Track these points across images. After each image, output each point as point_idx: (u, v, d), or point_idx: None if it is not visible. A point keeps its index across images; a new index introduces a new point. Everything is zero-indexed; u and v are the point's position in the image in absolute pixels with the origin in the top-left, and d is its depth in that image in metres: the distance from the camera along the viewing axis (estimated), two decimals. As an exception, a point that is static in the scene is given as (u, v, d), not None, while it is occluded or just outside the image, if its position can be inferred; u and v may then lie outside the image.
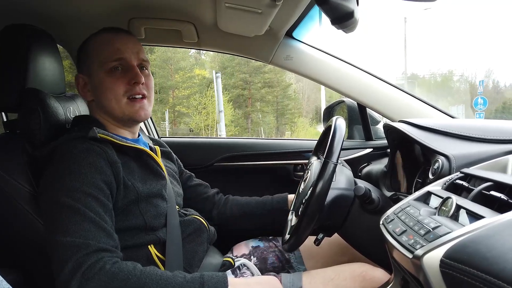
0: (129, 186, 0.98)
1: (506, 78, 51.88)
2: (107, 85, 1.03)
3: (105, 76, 1.03)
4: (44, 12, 1.40)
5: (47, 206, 0.92)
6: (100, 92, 1.05)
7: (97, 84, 1.05)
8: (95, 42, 1.08)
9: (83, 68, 1.10)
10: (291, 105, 28.86)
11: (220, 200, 1.36)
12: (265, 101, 27.63)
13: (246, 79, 26.99)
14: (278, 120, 28.35)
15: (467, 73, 37.79)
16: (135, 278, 0.82)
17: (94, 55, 1.06)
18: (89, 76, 1.07)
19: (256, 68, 26.96)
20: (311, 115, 34.18)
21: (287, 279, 1.02)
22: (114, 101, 1.04)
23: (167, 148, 1.32)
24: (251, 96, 27.32)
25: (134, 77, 1.03)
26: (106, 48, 1.04)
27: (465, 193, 0.77)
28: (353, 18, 0.96)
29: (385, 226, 0.82)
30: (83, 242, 0.83)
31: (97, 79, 1.05)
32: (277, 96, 27.82)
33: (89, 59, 1.07)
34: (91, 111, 1.14)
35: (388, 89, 1.56)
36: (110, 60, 1.03)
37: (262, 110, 27.64)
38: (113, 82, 1.03)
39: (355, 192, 1.06)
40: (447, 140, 1.02)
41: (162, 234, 1.03)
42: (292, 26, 1.47)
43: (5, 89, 1.08)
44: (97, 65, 1.04)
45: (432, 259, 0.59)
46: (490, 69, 37.58)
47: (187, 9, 1.43)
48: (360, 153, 1.73)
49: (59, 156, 0.95)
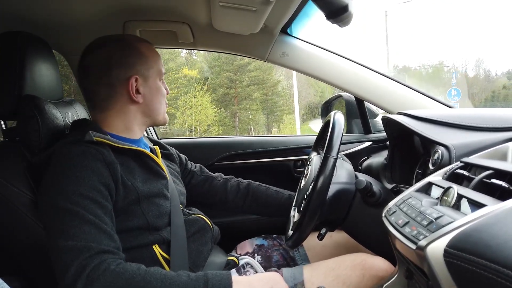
0: (129, 186, 0.98)
1: (497, 66, 51.76)
2: (162, 91, 1.14)
3: (160, 84, 1.13)
4: (39, 19, 1.40)
5: (46, 211, 0.92)
6: (157, 96, 1.12)
7: (155, 88, 1.11)
8: (148, 49, 1.11)
9: (131, 70, 1.07)
10: (280, 102, 28.84)
11: (232, 189, 1.38)
12: (252, 99, 27.56)
13: (231, 78, 26.95)
14: (269, 117, 28.33)
15: (457, 64, 37.79)
16: (140, 277, 0.82)
17: (152, 61, 1.10)
18: (146, 79, 1.09)
19: (241, 66, 26.91)
20: (303, 111, 34.13)
21: (289, 273, 1.02)
22: (163, 106, 1.15)
23: (168, 150, 1.32)
24: (237, 95, 27.27)
25: (167, 89, 1.17)
26: (159, 59, 1.14)
27: (466, 182, 0.77)
28: (348, 12, 0.96)
29: (387, 218, 0.82)
30: (85, 245, 0.83)
31: (155, 84, 1.11)
32: (266, 93, 27.77)
33: (146, 63, 1.09)
34: (127, 112, 1.09)
35: (385, 82, 1.56)
36: (162, 71, 1.14)
37: (249, 108, 27.58)
38: (163, 89, 1.15)
39: (356, 185, 1.07)
40: (446, 130, 1.03)
41: (166, 233, 1.04)
42: (287, 22, 1.47)
43: (2, 96, 1.08)
44: (155, 71, 1.11)
45: (435, 249, 0.60)
46: (480, 58, 37.57)
47: (182, 10, 1.43)
48: (359, 147, 1.73)
49: (55, 160, 0.95)
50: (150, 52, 1.12)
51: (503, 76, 33.68)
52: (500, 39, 43.33)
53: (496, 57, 40.74)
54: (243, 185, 1.38)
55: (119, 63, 1.05)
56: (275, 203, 1.34)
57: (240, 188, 1.37)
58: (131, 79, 1.06)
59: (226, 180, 1.39)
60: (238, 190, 1.37)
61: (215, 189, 1.36)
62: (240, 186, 1.38)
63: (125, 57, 1.06)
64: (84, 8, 1.39)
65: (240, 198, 1.36)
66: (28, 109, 1.05)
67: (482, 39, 43.45)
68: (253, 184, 1.39)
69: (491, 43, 42.09)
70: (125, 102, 1.08)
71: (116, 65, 1.05)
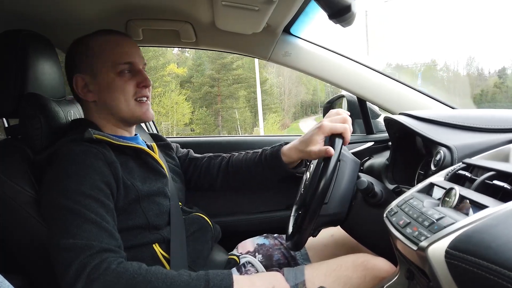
0: (129, 186, 0.98)
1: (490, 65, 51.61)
2: (118, 87, 1.05)
3: (115, 77, 1.05)
4: (41, 17, 1.40)
5: (47, 210, 0.92)
6: (109, 92, 1.06)
7: (105, 84, 1.06)
8: (100, 42, 1.07)
9: (81, 68, 1.07)
10: (267, 100, 28.75)
11: (214, 168, 1.30)
12: (236, 98, 27.44)
13: (213, 76, 26.87)
14: (256, 116, 28.24)
15: (449, 62, 37.68)
16: (141, 277, 0.82)
17: (102, 55, 1.06)
18: (93, 76, 1.06)
19: (224, 65, 26.84)
20: (293, 109, 33.96)
21: (290, 273, 1.02)
22: (124, 102, 1.07)
23: (164, 140, 1.32)
24: (220, 93, 27.19)
25: (143, 81, 1.07)
26: (115, 50, 1.06)
27: (468, 183, 0.77)
28: (351, 12, 0.96)
29: (389, 218, 0.82)
30: (86, 243, 0.83)
31: (105, 80, 1.05)
32: (254, 91, 27.67)
33: (93, 58, 1.06)
34: (90, 112, 1.11)
35: (387, 82, 1.55)
36: (120, 63, 1.05)
37: (232, 107, 27.48)
38: (123, 83, 1.05)
39: (358, 186, 1.07)
40: (448, 131, 1.02)
41: (166, 232, 1.04)
42: (290, 22, 1.47)
43: (5, 95, 1.08)
44: (106, 66, 1.05)
45: (437, 250, 0.60)
46: (471, 56, 37.45)
47: (184, 9, 1.43)
48: (361, 147, 1.73)
49: (56, 159, 0.96)
50: (98, 45, 1.07)
51: (495, 74, 33.54)
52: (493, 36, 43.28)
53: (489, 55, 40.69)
54: (224, 161, 1.29)
55: (68, 63, 1.10)
56: (252, 166, 1.22)
57: (221, 165, 1.29)
58: (74, 78, 1.07)
59: (210, 159, 1.32)
60: (219, 167, 1.29)
61: (200, 170, 1.31)
62: (222, 163, 1.29)
63: (73, 55, 1.09)
64: (87, 7, 1.40)
65: (224, 176, 1.28)
66: (31, 107, 1.05)
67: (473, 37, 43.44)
68: (234, 156, 1.29)
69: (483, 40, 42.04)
70: (85, 102, 1.11)
71: (68, 65, 1.10)
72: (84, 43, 1.09)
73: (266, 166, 1.17)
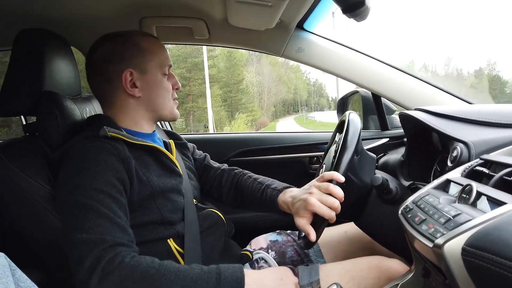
0: (144, 181, 0.99)
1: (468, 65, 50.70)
2: (165, 85, 1.12)
3: (162, 77, 1.12)
4: (57, 16, 1.42)
5: (62, 205, 0.94)
6: (157, 90, 1.11)
7: (154, 82, 1.10)
8: (151, 43, 1.11)
9: (129, 63, 1.08)
10: (244, 99, 28.55)
11: (226, 183, 1.30)
12: (212, 97, 27.26)
13: (184, 75, 26.71)
14: (233, 115, 28.05)
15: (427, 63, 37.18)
16: (154, 270, 0.83)
17: (153, 54, 1.10)
18: (143, 73, 1.09)
19: (196, 64, 26.71)
20: (274, 108, 33.62)
21: (304, 271, 1.02)
22: (167, 101, 1.13)
23: (182, 140, 1.33)
24: (191, 93, 27.06)
25: (176, 84, 1.17)
26: (161, 52, 1.12)
27: (485, 179, 0.76)
28: (365, 6, 0.95)
29: (404, 215, 0.81)
30: (99, 237, 0.84)
31: (155, 78, 1.10)
32: (231, 90, 27.46)
33: (144, 57, 1.09)
34: (117, 106, 1.11)
35: (402, 77, 1.53)
36: (165, 65, 1.12)
37: (202, 107, 27.31)
38: (168, 84, 1.13)
39: (372, 182, 1.06)
40: (465, 126, 1.00)
41: (180, 228, 1.05)
42: (303, 17, 1.46)
43: (23, 93, 1.10)
44: (155, 65, 1.10)
45: (453, 248, 0.59)
46: (449, 57, 36.92)
47: (198, 6, 1.43)
48: (376, 143, 1.71)
49: (71, 156, 0.97)
50: (150, 45, 1.11)
51: (472, 75, 32.97)
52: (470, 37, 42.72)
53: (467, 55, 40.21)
54: (235, 179, 1.30)
55: (115, 57, 1.08)
56: (255, 199, 1.22)
57: (232, 183, 1.30)
58: (125, 73, 1.07)
59: (223, 172, 1.32)
60: (231, 184, 1.30)
61: (212, 182, 1.32)
62: (233, 181, 1.30)
63: (121, 51, 1.08)
64: (102, 5, 1.41)
65: (232, 196, 1.29)
66: (47, 105, 1.07)
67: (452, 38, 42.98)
68: (244, 177, 1.28)
69: (461, 41, 41.55)
70: (125, 97, 1.10)
71: (112, 59, 1.08)
72: (131, 42, 1.09)
73: (265, 204, 1.18)
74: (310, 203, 0.97)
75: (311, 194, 0.99)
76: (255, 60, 49.39)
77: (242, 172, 1.31)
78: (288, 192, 1.11)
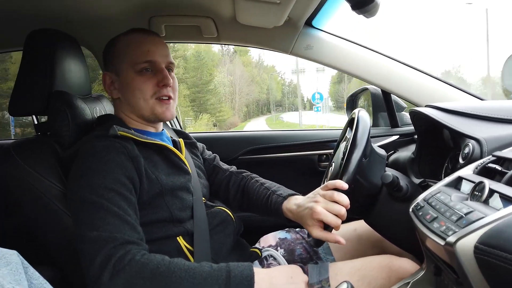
0: (153, 179, 1.00)
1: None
2: (137, 85, 1.06)
3: (135, 76, 1.06)
4: (67, 16, 1.43)
5: (73, 203, 0.95)
6: (129, 90, 1.08)
7: (126, 83, 1.08)
8: (125, 42, 1.10)
9: (110, 66, 1.12)
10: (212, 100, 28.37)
11: (233, 186, 1.30)
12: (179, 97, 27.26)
13: None
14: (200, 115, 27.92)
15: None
16: (164, 267, 0.84)
17: (124, 54, 1.08)
18: (117, 74, 1.10)
19: None
20: (246, 108, 33.32)
21: (314, 270, 1.02)
22: (143, 101, 1.07)
23: (191, 139, 1.33)
24: None
25: (163, 80, 1.07)
26: (137, 49, 1.07)
27: (498, 176, 0.74)
28: (374, 2, 0.94)
29: (415, 213, 0.80)
30: (110, 235, 0.85)
31: (126, 78, 1.08)
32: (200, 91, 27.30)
33: (118, 58, 1.09)
34: (116, 108, 1.16)
35: (412, 73, 1.52)
36: (140, 61, 1.06)
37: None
38: (142, 82, 1.06)
39: (383, 180, 1.05)
40: (477, 123, 0.99)
41: (189, 226, 1.05)
42: (312, 14, 1.45)
43: (34, 93, 1.11)
44: (127, 65, 1.07)
45: (465, 246, 0.58)
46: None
47: (206, 4, 1.43)
48: (386, 141, 1.70)
49: (81, 155, 0.98)
50: (123, 45, 1.09)
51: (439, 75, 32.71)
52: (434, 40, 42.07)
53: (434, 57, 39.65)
54: (242, 183, 1.29)
55: (101, 62, 1.15)
56: (260, 204, 1.21)
57: (239, 186, 1.29)
58: (104, 76, 1.11)
59: (231, 175, 1.32)
60: (238, 187, 1.29)
61: (220, 184, 1.32)
62: (240, 184, 1.29)
63: (104, 55, 1.14)
64: (111, 5, 1.42)
65: (238, 199, 1.29)
66: (58, 105, 1.09)
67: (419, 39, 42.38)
68: (251, 181, 1.28)
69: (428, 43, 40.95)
70: (114, 99, 1.14)
71: (101, 64, 1.16)
72: (112, 43, 1.12)
73: (270, 210, 1.17)
74: (316, 212, 0.97)
75: (317, 203, 0.98)
76: (227, 61, 47.93)
77: (250, 176, 1.30)
78: (293, 200, 1.10)
